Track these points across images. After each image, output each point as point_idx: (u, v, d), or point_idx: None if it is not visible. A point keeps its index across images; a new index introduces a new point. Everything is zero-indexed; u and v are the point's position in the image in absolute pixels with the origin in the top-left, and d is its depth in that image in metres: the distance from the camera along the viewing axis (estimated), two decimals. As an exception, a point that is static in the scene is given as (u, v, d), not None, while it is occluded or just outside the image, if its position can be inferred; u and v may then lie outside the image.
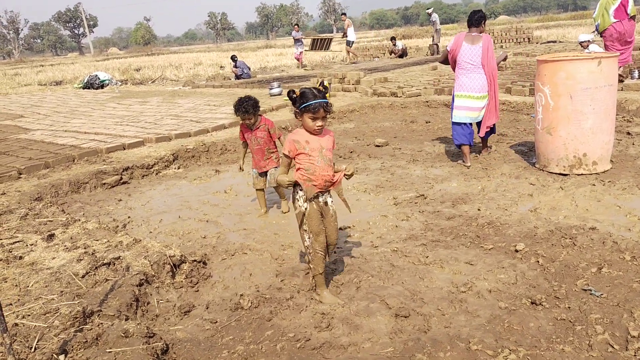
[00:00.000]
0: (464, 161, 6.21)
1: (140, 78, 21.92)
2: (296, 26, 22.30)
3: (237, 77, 17.25)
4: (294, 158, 3.25)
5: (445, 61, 6.38)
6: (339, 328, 3.04)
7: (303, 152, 3.20)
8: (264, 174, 5.04)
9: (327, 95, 3.24)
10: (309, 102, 3.10)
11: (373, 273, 3.67)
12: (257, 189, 5.12)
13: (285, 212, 5.08)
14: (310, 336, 2.97)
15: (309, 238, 3.31)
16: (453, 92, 6.28)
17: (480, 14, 6.06)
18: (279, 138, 5.07)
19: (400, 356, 2.75)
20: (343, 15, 22.39)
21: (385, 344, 2.87)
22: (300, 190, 3.28)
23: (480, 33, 6.06)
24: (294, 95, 3.18)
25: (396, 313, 3.13)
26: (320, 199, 3.33)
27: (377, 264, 3.80)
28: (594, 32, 9.90)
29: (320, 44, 23.61)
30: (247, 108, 4.75)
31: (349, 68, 17.35)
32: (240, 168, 5.21)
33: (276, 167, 4.98)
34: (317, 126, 3.15)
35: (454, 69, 6.25)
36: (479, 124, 6.31)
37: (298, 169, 3.25)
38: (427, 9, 23.62)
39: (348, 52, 22.02)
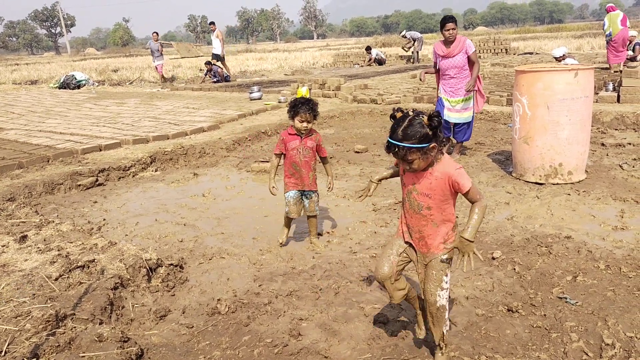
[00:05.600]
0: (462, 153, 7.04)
1: (117, 79, 21.65)
2: (155, 34, 18.48)
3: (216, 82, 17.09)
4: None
5: None
6: (317, 333, 3.03)
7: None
8: (302, 196, 4.23)
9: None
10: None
11: (352, 279, 3.67)
12: (288, 217, 4.26)
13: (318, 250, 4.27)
14: (287, 342, 2.95)
15: None
16: (479, 89, 6.65)
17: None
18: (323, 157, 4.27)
19: (378, 362, 2.75)
20: (212, 25, 18.31)
21: (363, 350, 2.86)
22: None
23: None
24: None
25: (374, 319, 3.13)
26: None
27: (355, 270, 3.80)
28: (607, 38, 13.18)
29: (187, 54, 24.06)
30: (314, 106, 3.99)
31: (329, 74, 17.37)
32: (274, 188, 4.14)
33: (316, 191, 4.27)
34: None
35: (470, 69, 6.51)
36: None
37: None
38: (401, 32, 23.65)
39: (215, 65, 17.66)
